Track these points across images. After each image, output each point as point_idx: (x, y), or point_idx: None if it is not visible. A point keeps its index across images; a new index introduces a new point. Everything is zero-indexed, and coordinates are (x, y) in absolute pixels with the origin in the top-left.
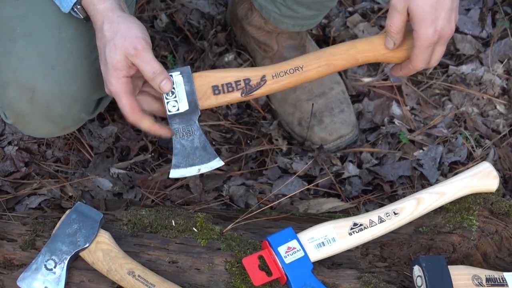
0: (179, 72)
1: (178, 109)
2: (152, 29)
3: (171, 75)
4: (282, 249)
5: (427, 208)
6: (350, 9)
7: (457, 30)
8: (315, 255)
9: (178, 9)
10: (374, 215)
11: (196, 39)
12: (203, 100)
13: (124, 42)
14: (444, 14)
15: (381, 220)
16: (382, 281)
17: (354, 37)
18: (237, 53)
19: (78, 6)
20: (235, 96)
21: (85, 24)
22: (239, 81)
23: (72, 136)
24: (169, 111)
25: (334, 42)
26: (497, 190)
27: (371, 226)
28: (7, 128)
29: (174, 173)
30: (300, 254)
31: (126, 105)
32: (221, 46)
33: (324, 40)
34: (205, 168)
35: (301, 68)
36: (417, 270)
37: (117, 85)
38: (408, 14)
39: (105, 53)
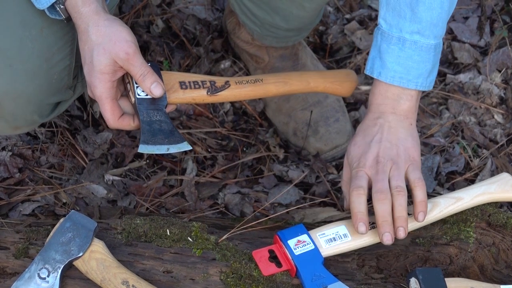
0: (149, 64)
1: (146, 95)
2: (148, 34)
3: None
4: (292, 242)
5: (442, 212)
6: (348, 16)
7: (455, 39)
8: (327, 250)
9: (174, 15)
10: None
11: (192, 45)
12: (170, 92)
13: (114, 46)
14: (367, 149)
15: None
16: None
17: (352, 44)
18: (233, 61)
19: (62, 6)
20: (201, 94)
21: (51, 27)
22: (205, 81)
23: (66, 142)
24: (139, 95)
25: (331, 50)
26: None
27: None
28: (0, 134)
29: (143, 149)
30: (310, 247)
31: (108, 111)
32: (217, 52)
33: (321, 47)
34: (174, 148)
35: (261, 80)
36: (413, 282)
37: (102, 90)
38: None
39: (92, 56)
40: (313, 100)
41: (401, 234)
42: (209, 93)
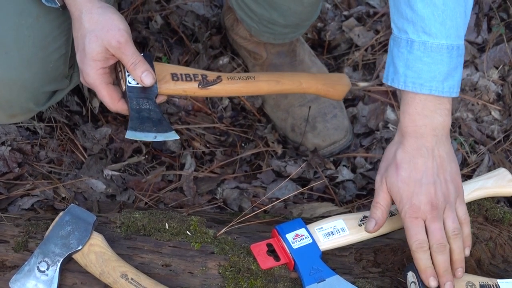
0: (142, 55)
1: (137, 83)
2: (146, 30)
3: None
4: (290, 236)
5: None
6: (346, 13)
7: None
8: (325, 244)
9: (173, 11)
10: None
11: (190, 41)
12: (162, 82)
13: (106, 34)
14: (418, 189)
15: (391, 214)
16: (376, 286)
17: (350, 41)
18: (231, 57)
19: None
20: (193, 86)
21: (47, 15)
22: (197, 75)
23: (65, 137)
24: (129, 83)
25: (329, 46)
26: None
27: None
28: (0, 129)
29: (130, 135)
30: (308, 240)
31: (106, 96)
32: (216, 49)
33: (319, 44)
34: (162, 137)
35: (253, 78)
36: (411, 276)
37: (94, 77)
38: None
39: (84, 43)
40: (311, 96)
41: (460, 274)
42: (200, 86)
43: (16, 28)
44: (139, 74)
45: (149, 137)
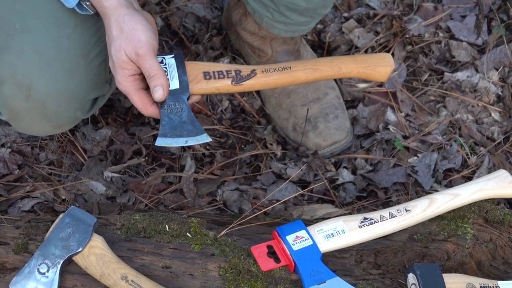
0: (172, 55)
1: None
2: None
3: (164, 58)
4: (290, 238)
5: (440, 208)
6: (346, 14)
7: (452, 37)
8: (325, 245)
9: (173, 13)
10: (385, 211)
11: (191, 42)
12: (194, 83)
13: (127, 45)
14: None
15: (392, 216)
16: None
17: (350, 42)
18: (232, 57)
19: (87, 2)
20: (226, 83)
21: (83, 24)
22: (230, 71)
23: (65, 139)
24: None
25: (329, 48)
26: None
27: (382, 221)
28: (0, 130)
29: (161, 141)
30: (309, 242)
31: (138, 102)
32: (216, 50)
33: (319, 45)
34: (193, 140)
35: (289, 68)
36: (411, 278)
37: (125, 84)
38: None
39: (111, 52)
40: (313, 96)
41: None
42: (233, 83)
43: (56, 40)
44: (152, 88)
45: (179, 142)
